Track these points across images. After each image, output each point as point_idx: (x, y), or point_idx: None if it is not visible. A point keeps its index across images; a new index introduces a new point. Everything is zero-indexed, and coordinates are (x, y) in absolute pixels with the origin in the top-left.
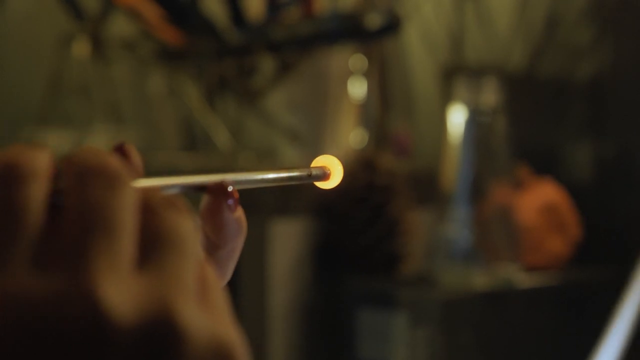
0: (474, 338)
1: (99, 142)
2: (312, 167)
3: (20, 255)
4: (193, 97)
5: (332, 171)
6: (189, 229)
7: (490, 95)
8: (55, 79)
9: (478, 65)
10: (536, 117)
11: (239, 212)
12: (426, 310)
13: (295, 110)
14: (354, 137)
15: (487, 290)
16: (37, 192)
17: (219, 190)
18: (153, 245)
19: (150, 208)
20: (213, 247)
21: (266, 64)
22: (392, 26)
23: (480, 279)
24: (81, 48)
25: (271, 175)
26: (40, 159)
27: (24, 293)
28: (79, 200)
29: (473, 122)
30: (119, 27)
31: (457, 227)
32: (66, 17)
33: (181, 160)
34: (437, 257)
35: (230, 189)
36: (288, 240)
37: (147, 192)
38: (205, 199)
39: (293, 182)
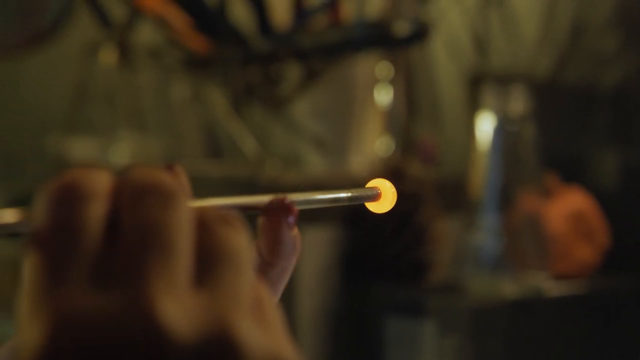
0: (503, 346)
1: (123, 150)
2: (365, 189)
3: (79, 274)
4: (219, 105)
5: (385, 194)
6: (244, 246)
7: (519, 102)
8: (81, 87)
9: (505, 73)
10: (563, 124)
11: (295, 231)
12: (454, 319)
13: (321, 117)
14: (380, 144)
15: (515, 298)
16: (96, 212)
17: (279, 206)
18: (209, 262)
19: (205, 225)
20: (266, 266)
21: (292, 72)
22: (420, 34)
23: (508, 287)
24: (108, 56)
25: (324, 197)
26: (100, 180)
27: (83, 312)
28: (136, 219)
29: (501, 130)
30: (146, 34)
31: (485, 235)
32: (93, 25)
33: (206, 168)
34: (465, 265)
35: (290, 204)
36: (316, 248)
37: (201, 209)
38: (263, 216)
39: (344, 204)
